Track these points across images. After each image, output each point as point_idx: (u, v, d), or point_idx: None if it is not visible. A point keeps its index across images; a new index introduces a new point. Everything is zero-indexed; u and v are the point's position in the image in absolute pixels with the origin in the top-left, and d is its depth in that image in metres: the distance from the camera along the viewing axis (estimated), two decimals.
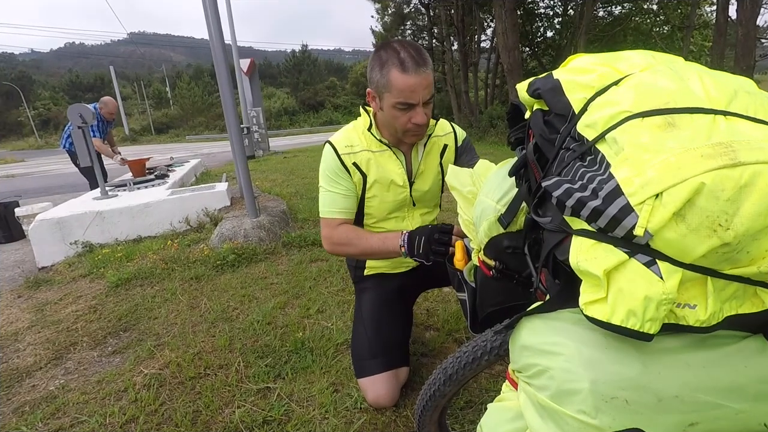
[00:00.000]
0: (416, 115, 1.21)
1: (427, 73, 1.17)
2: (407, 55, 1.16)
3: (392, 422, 1.32)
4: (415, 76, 1.15)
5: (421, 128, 1.25)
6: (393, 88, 1.17)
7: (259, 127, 11.47)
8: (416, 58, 1.16)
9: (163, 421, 1.38)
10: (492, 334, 0.78)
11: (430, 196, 1.46)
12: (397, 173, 1.37)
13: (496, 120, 12.68)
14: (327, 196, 1.37)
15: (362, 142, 1.36)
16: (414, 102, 1.19)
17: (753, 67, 7.53)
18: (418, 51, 1.19)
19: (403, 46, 1.18)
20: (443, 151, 1.43)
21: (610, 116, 0.49)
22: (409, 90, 1.16)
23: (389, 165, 1.36)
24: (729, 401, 0.47)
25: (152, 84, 53.98)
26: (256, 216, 3.31)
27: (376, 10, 19.89)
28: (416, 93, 1.17)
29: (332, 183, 1.35)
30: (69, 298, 2.47)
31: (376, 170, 1.36)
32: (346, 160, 1.34)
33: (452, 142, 1.45)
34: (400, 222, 1.44)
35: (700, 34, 13.54)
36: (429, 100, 1.21)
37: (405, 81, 1.15)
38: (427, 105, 1.22)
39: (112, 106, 4.93)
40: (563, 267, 0.54)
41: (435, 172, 1.43)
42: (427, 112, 1.23)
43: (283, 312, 2.09)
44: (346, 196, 1.36)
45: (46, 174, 11.80)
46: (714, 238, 0.40)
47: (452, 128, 1.46)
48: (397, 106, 1.20)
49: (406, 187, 1.39)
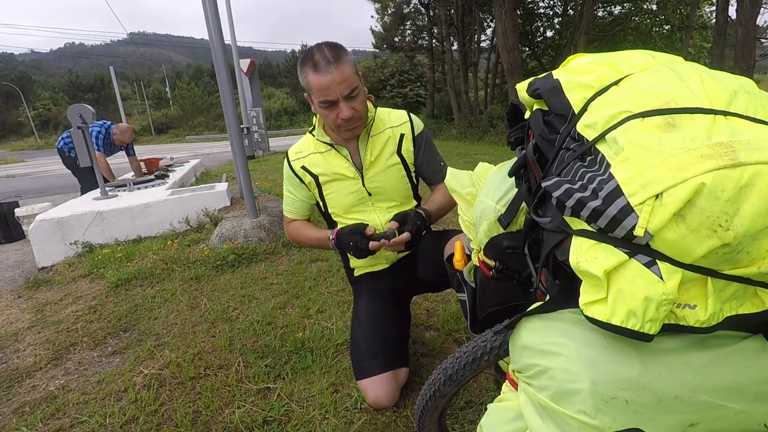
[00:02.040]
0: (341, 110, 1.25)
1: (340, 68, 1.20)
2: (320, 56, 1.21)
3: (392, 422, 1.31)
4: (326, 75, 1.19)
5: (351, 122, 1.29)
6: (312, 89, 1.24)
7: (259, 127, 11.47)
8: (329, 56, 1.20)
9: (163, 421, 1.38)
10: (492, 335, 0.78)
11: (390, 188, 1.46)
12: (344, 167, 1.43)
13: (496, 120, 12.68)
14: (285, 197, 1.58)
15: (310, 146, 1.48)
16: (333, 99, 1.23)
17: (753, 67, 7.53)
18: (333, 49, 1.23)
19: (319, 48, 1.24)
20: (400, 140, 1.45)
21: (610, 116, 0.49)
22: (323, 88, 1.21)
23: (335, 161, 1.44)
24: (729, 401, 0.47)
25: (152, 84, 53.97)
26: (256, 216, 3.31)
27: (375, 10, 19.89)
28: (332, 90, 1.21)
29: (287, 186, 1.54)
30: (69, 299, 2.47)
31: (323, 167, 1.45)
32: (295, 165, 1.48)
33: (408, 131, 1.46)
34: (366, 216, 1.46)
35: (700, 35, 13.54)
36: (351, 93, 1.24)
37: (318, 80, 1.21)
38: (351, 98, 1.25)
39: (128, 136, 4.77)
40: (563, 267, 0.54)
41: (391, 162, 1.44)
42: (354, 105, 1.27)
43: (283, 312, 2.09)
44: (295, 200, 1.55)
45: (46, 174, 11.80)
46: (714, 239, 0.40)
47: (409, 118, 1.48)
48: (321, 105, 1.26)
49: (358, 179, 1.43)
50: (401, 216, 1.35)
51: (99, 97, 43.22)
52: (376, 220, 1.45)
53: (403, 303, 1.57)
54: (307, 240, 1.54)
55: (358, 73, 1.28)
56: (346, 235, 1.36)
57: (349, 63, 1.23)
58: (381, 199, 1.47)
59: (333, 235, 1.41)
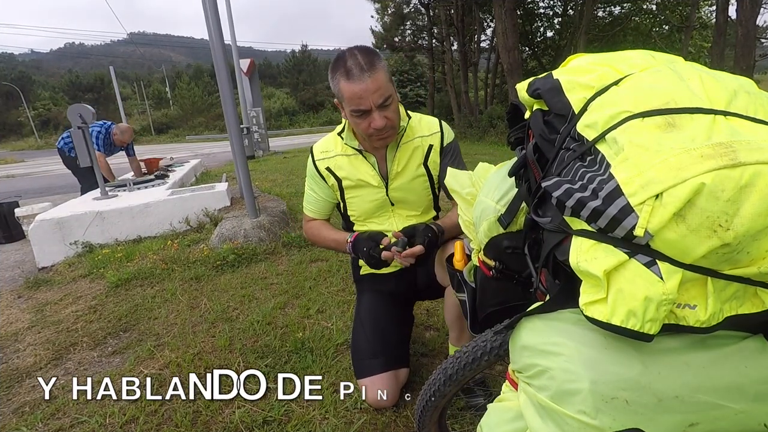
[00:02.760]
0: (374, 120, 1.19)
1: (375, 76, 1.14)
2: (353, 63, 1.15)
3: (392, 422, 1.32)
4: (359, 83, 1.14)
5: (384, 131, 1.23)
6: (344, 97, 1.18)
7: (259, 128, 11.48)
8: (362, 63, 1.14)
9: (163, 421, 1.38)
10: (492, 335, 0.78)
11: (413, 198, 1.43)
12: (370, 174, 1.38)
13: (495, 120, 12.68)
14: (306, 194, 1.54)
15: (337, 147, 1.41)
16: (366, 108, 1.17)
17: (753, 67, 7.53)
18: (367, 55, 1.17)
19: (351, 54, 1.17)
20: (428, 152, 1.39)
21: (610, 116, 0.49)
22: (357, 97, 1.15)
23: (361, 167, 1.39)
24: (729, 401, 0.47)
25: (152, 84, 53.97)
26: (256, 216, 3.31)
27: (375, 10, 19.89)
28: (365, 99, 1.15)
29: (310, 184, 1.49)
30: (69, 299, 2.47)
31: (348, 172, 1.40)
32: (320, 165, 1.43)
33: (438, 142, 1.40)
34: (385, 223, 1.44)
35: (700, 34, 13.55)
36: (385, 102, 1.18)
37: (351, 89, 1.15)
38: (385, 107, 1.19)
39: (128, 136, 4.76)
40: (563, 267, 0.53)
41: (417, 173, 1.40)
42: (388, 114, 1.21)
43: (283, 312, 2.09)
44: (317, 200, 1.50)
45: (46, 174, 11.80)
46: (714, 239, 0.40)
47: (440, 128, 1.42)
48: (353, 113, 1.20)
49: (382, 188, 1.39)
50: (410, 229, 1.31)
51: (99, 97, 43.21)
52: (394, 226, 1.42)
53: (405, 306, 1.57)
54: (324, 241, 1.49)
55: (391, 80, 1.22)
56: (363, 241, 1.32)
57: (383, 70, 1.17)
58: (402, 208, 1.44)
59: (351, 238, 1.36)
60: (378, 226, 1.43)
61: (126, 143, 4.82)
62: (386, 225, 1.43)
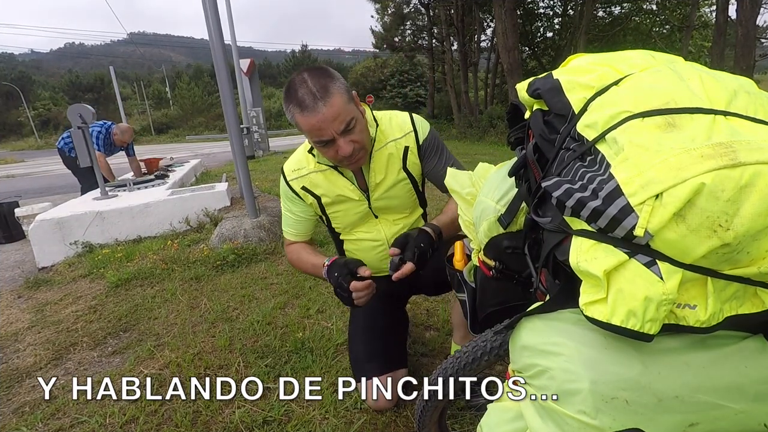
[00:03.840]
0: (339, 147, 1.11)
1: (329, 102, 1.04)
2: (305, 91, 1.05)
3: (392, 422, 1.32)
4: (315, 114, 1.04)
5: (353, 156, 1.14)
6: (302, 129, 1.10)
7: (259, 127, 11.48)
8: (314, 90, 1.04)
9: (163, 421, 1.38)
10: (492, 335, 0.78)
11: (397, 203, 1.37)
12: (349, 189, 1.31)
13: (495, 120, 12.69)
14: (284, 217, 1.43)
15: (310, 164, 1.32)
16: (328, 138, 1.08)
17: (753, 67, 7.54)
18: (318, 78, 1.06)
19: (301, 80, 1.07)
20: (405, 155, 1.31)
21: (610, 116, 0.49)
22: (316, 129, 1.07)
23: (339, 182, 1.31)
24: (729, 401, 0.47)
25: (152, 84, 53.97)
26: (256, 216, 3.31)
27: (375, 10, 19.93)
28: (324, 129, 1.06)
29: (287, 206, 1.40)
30: (69, 299, 2.47)
31: (326, 188, 1.32)
32: (294, 185, 1.33)
33: (413, 143, 1.31)
34: (372, 231, 1.39)
35: (700, 34, 13.55)
36: (347, 127, 1.09)
37: (307, 121, 1.06)
38: (348, 132, 1.10)
39: (128, 136, 4.76)
40: (563, 267, 0.53)
41: (397, 179, 1.32)
42: (354, 138, 1.12)
43: (283, 312, 2.09)
44: (297, 220, 1.40)
45: (46, 174, 11.79)
46: (714, 239, 0.40)
47: (413, 126, 1.31)
48: (316, 144, 1.14)
49: (364, 201, 1.33)
50: (401, 240, 1.22)
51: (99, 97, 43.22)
52: (382, 233, 1.39)
53: (400, 305, 1.57)
54: (303, 265, 1.39)
55: (351, 97, 1.12)
56: (337, 267, 1.21)
57: (338, 92, 1.06)
58: (387, 214, 1.40)
59: (328, 262, 1.25)
60: (366, 234, 1.40)
61: (126, 143, 4.81)
62: (374, 233, 1.39)
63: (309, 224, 1.43)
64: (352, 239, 1.43)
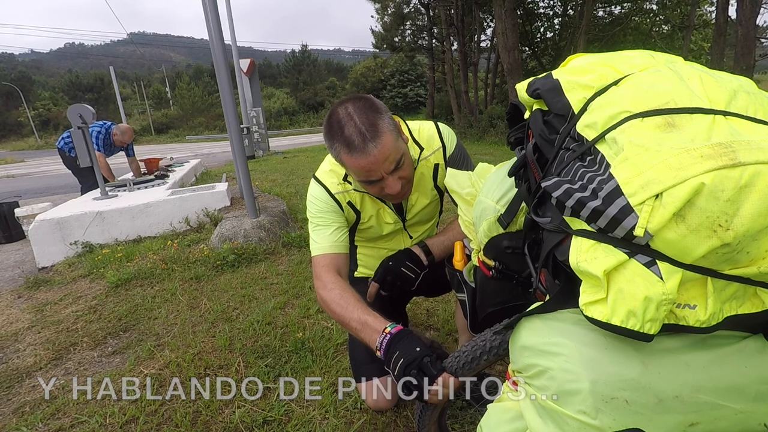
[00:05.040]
0: (387, 186, 1.05)
1: (380, 143, 0.97)
2: (353, 130, 0.97)
3: (392, 422, 1.32)
4: (365, 156, 0.97)
5: (401, 192, 1.10)
6: (349, 168, 1.04)
7: (259, 127, 11.48)
8: (363, 130, 0.96)
9: (163, 421, 1.38)
10: (492, 334, 0.78)
11: (426, 218, 1.39)
12: (387, 213, 1.30)
13: (495, 120, 12.69)
14: (315, 233, 1.24)
15: (346, 185, 1.25)
16: (376, 178, 1.03)
17: (753, 66, 7.54)
18: (367, 115, 0.98)
19: (348, 117, 0.98)
20: (435, 172, 1.28)
21: (610, 116, 0.49)
22: (365, 171, 1.00)
23: (377, 205, 1.28)
24: (729, 401, 0.47)
25: (152, 84, 54.00)
26: (256, 216, 3.31)
27: (375, 10, 19.92)
28: (374, 171, 1.00)
29: (323, 218, 1.24)
30: (69, 299, 2.47)
31: (369, 210, 1.28)
32: (341, 199, 1.23)
33: (441, 159, 1.27)
34: (395, 239, 1.40)
35: (700, 34, 13.55)
36: (398, 165, 1.03)
37: (357, 163, 0.99)
38: (397, 170, 1.04)
39: (128, 136, 4.76)
40: (563, 267, 0.53)
41: (431, 198, 1.32)
42: (402, 174, 1.07)
43: (283, 312, 2.09)
44: (339, 227, 1.25)
45: (46, 174, 11.80)
46: (714, 239, 0.40)
47: (440, 140, 1.26)
48: (362, 183, 1.09)
49: (399, 223, 1.33)
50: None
51: (99, 97, 43.24)
52: (402, 243, 1.39)
53: (399, 307, 1.57)
54: (343, 314, 1.08)
55: (398, 131, 1.05)
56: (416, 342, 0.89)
57: (388, 130, 0.99)
58: (415, 228, 1.40)
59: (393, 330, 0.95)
60: (387, 244, 1.40)
61: (126, 143, 4.82)
62: (394, 243, 1.40)
63: (347, 234, 1.28)
64: (369, 246, 1.43)
